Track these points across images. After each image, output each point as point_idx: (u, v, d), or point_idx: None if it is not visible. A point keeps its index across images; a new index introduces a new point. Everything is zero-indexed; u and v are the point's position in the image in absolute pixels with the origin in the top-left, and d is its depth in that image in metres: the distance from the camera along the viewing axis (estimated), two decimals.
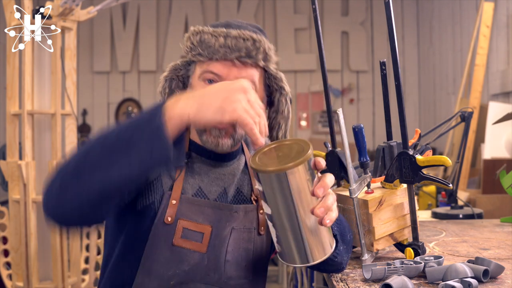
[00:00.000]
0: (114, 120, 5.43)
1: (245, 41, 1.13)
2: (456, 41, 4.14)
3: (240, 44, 1.13)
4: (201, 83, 1.17)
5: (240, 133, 1.17)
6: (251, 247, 1.22)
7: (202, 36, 1.15)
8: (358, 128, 1.26)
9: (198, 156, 1.22)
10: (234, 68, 1.14)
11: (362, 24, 5.40)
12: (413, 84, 5.34)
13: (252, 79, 1.15)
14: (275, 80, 1.21)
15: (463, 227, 1.77)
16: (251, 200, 1.25)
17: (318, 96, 5.40)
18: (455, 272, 1.05)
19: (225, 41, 1.13)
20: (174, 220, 1.13)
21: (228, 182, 1.23)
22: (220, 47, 1.13)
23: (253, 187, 1.27)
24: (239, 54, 1.13)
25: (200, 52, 1.15)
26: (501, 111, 2.67)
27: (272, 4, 5.45)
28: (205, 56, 1.15)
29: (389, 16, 1.20)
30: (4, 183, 4.19)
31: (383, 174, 1.34)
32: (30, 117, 2.61)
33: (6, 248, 2.74)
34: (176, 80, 1.23)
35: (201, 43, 1.15)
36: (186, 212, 1.15)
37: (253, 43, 1.14)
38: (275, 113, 1.24)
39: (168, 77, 1.23)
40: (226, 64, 1.14)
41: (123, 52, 5.38)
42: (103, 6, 2.62)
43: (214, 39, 1.14)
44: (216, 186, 1.21)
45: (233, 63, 1.14)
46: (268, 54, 1.16)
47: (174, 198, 1.15)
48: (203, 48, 1.15)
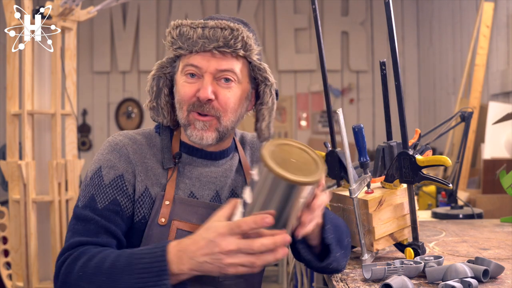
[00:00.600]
0: (114, 120, 5.42)
1: (223, 30, 1.13)
2: (456, 41, 4.14)
3: (218, 34, 1.13)
4: (183, 77, 1.17)
5: (225, 125, 1.17)
6: None
7: (181, 29, 1.15)
8: (358, 128, 1.26)
9: (189, 156, 1.22)
10: (213, 60, 1.14)
11: (362, 24, 5.40)
12: (413, 84, 5.34)
13: (232, 70, 1.15)
14: (259, 72, 1.20)
15: (463, 227, 1.77)
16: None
17: (318, 96, 5.40)
18: (455, 272, 1.05)
19: (203, 32, 1.13)
20: (168, 221, 1.14)
21: (220, 185, 1.23)
22: (198, 38, 1.13)
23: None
24: (217, 44, 1.13)
25: (180, 46, 1.15)
26: (501, 111, 2.66)
27: (272, 4, 5.45)
28: (185, 49, 1.15)
29: (389, 16, 1.21)
30: (4, 183, 4.19)
31: (383, 174, 1.34)
32: (30, 117, 2.61)
33: (6, 248, 2.74)
34: (163, 78, 1.23)
35: (180, 36, 1.15)
36: (179, 213, 1.15)
37: (231, 32, 1.13)
38: (260, 105, 1.23)
39: (156, 76, 1.23)
40: (205, 56, 1.14)
41: (123, 52, 5.38)
42: (103, 6, 2.62)
43: (192, 30, 1.14)
44: (208, 190, 1.21)
45: (213, 54, 1.14)
46: (247, 43, 1.15)
47: (168, 199, 1.15)
48: (182, 41, 1.15)
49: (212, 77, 1.15)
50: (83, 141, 5.32)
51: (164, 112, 1.23)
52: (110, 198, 1.13)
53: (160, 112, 1.23)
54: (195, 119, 1.16)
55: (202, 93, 1.13)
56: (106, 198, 1.13)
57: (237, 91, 1.17)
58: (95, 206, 1.12)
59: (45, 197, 2.62)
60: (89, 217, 1.11)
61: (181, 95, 1.17)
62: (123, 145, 1.18)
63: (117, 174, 1.15)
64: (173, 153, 1.21)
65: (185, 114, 1.17)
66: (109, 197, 1.13)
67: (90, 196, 1.13)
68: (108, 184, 1.14)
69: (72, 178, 2.72)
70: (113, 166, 1.15)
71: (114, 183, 1.14)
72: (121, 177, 1.15)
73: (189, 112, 1.16)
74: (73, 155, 2.77)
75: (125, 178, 1.15)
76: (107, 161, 1.16)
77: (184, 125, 1.18)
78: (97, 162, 1.17)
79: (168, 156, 1.19)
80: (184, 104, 1.17)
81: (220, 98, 1.15)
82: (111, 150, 1.18)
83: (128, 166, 1.16)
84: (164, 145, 1.21)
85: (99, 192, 1.13)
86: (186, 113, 1.17)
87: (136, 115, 5.41)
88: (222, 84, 1.16)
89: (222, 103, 1.15)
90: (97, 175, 1.15)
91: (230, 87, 1.16)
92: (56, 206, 2.62)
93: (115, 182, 1.14)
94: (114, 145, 1.18)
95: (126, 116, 5.40)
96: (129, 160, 1.16)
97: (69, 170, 2.69)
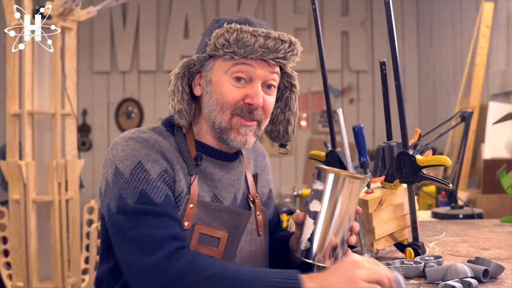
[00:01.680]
0: (114, 120, 5.42)
1: (283, 43, 1.13)
2: (456, 41, 4.14)
3: (279, 46, 1.13)
4: (229, 80, 1.14)
5: (262, 130, 1.20)
6: (253, 248, 1.23)
7: (239, 34, 1.12)
8: (358, 128, 1.26)
9: (207, 157, 1.20)
10: (267, 67, 1.15)
11: (362, 24, 5.39)
12: (413, 84, 5.34)
13: (277, 79, 1.18)
14: (288, 79, 1.24)
15: (463, 227, 1.77)
16: (249, 204, 1.26)
17: (318, 96, 5.40)
18: (455, 272, 1.05)
19: (264, 42, 1.12)
20: (191, 225, 1.12)
21: (237, 188, 1.24)
22: (259, 47, 1.12)
23: (249, 189, 1.28)
24: (276, 56, 1.13)
25: (235, 50, 1.12)
26: (501, 111, 2.67)
27: (272, 4, 5.44)
28: (240, 55, 1.13)
29: (389, 16, 1.21)
30: (4, 183, 4.19)
31: (383, 174, 1.34)
32: (30, 117, 2.61)
33: (6, 248, 2.74)
34: (186, 76, 1.19)
35: (237, 41, 1.12)
36: (202, 217, 1.14)
37: (290, 45, 1.14)
38: (283, 108, 1.27)
39: (180, 75, 1.18)
40: (260, 63, 1.14)
41: (123, 52, 5.37)
42: (103, 6, 2.62)
43: (254, 38, 1.12)
44: (229, 193, 1.21)
45: (268, 63, 1.14)
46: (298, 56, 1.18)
47: (192, 202, 1.13)
48: (239, 47, 1.12)
49: (261, 83, 1.15)
50: (83, 141, 5.32)
51: (186, 114, 1.18)
52: (163, 192, 1.08)
53: (183, 114, 1.17)
54: (240, 125, 1.15)
55: (257, 100, 1.13)
56: (161, 193, 1.08)
57: (274, 97, 1.21)
58: (152, 200, 1.06)
59: (45, 197, 2.62)
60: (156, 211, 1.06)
61: (228, 98, 1.14)
62: (155, 141, 1.13)
63: (162, 168, 1.10)
64: (193, 156, 1.18)
65: (228, 118, 1.15)
66: (162, 191, 1.08)
67: (140, 192, 1.07)
68: (157, 178, 1.09)
69: (72, 178, 2.72)
70: (156, 160, 1.10)
71: (161, 177, 1.09)
72: (165, 172, 1.11)
73: (233, 116, 1.15)
74: (73, 155, 2.77)
75: (168, 173, 1.11)
76: (146, 155, 1.10)
77: (225, 128, 1.15)
78: (132, 158, 1.10)
79: (191, 162, 1.16)
80: (229, 108, 1.14)
81: (265, 104, 1.17)
82: (145, 146, 1.12)
83: (166, 162, 1.12)
84: (183, 150, 1.17)
85: (150, 187, 1.07)
86: (229, 117, 1.15)
87: (136, 115, 5.40)
88: (266, 91, 1.17)
89: (266, 109, 1.17)
90: (141, 170, 1.08)
91: (272, 93, 1.19)
92: (56, 206, 2.62)
93: (161, 176, 1.09)
94: (145, 141, 1.12)
95: (126, 116, 5.39)
96: (166, 156, 1.13)
97: (69, 170, 2.69)
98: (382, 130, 1.89)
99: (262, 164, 1.40)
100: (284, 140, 1.29)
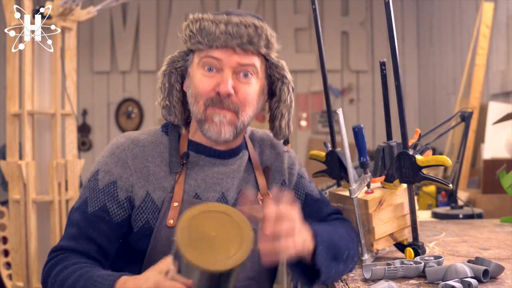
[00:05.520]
0: (114, 120, 5.42)
1: (247, 28, 1.11)
2: (456, 41, 4.14)
3: (242, 31, 1.11)
4: (200, 70, 1.14)
5: (242, 121, 1.15)
6: (255, 247, 1.21)
7: (201, 23, 1.13)
8: (358, 128, 1.26)
9: (197, 154, 1.20)
10: (235, 55, 1.12)
11: (362, 24, 5.39)
12: (413, 84, 5.34)
13: (253, 65, 1.14)
14: (276, 69, 1.20)
15: (463, 227, 1.77)
16: (257, 200, 1.22)
17: (318, 96, 5.39)
18: (455, 272, 1.05)
19: (226, 28, 1.11)
20: (176, 223, 1.11)
21: (226, 186, 1.20)
22: (220, 34, 1.11)
23: (259, 187, 1.24)
24: (241, 41, 1.11)
25: (200, 40, 1.13)
26: (501, 111, 2.66)
27: (272, 4, 5.44)
28: (205, 44, 1.12)
29: (389, 16, 1.20)
30: (4, 183, 4.19)
31: (383, 174, 1.34)
32: (30, 117, 2.61)
33: (6, 248, 2.74)
34: (174, 73, 1.20)
35: (200, 31, 1.13)
36: None
37: (255, 29, 1.12)
38: (277, 102, 1.22)
39: (167, 72, 1.20)
40: (227, 51, 1.12)
41: (123, 52, 5.37)
42: (103, 6, 2.62)
43: (215, 26, 1.12)
44: (213, 192, 1.19)
45: (234, 50, 1.12)
46: (270, 41, 1.15)
47: (176, 200, 1.13)
48: (203, 36, 1.12)
49: (232, 71, 1.13)
50: (83, 141, 5.31)
51: (176, 110, 1.20)
52: (100, 203, 1.13)
53: (172, 111, 1.19)
54: (213, 113, 1.13)
55: (223, 88, 1.11)
56: (97, 203, 1.13)
57: (255, 87, 1.16)
58: (85, 209, 1.13)
59: (45, 197, 2.62)
60: (75, 221, 1.13)
61: (199, 88, 1.14)
62: (123, 149, 1.17)
63: (111, 180, 1.15)
64: (180, 154, 1.18)
65: (202, 109, 1.14)
66: (99, 202, 1.13)
67: (84, 199, 1.15)
68: (101, 189, 1.14)
69: (72, 178, 2.72)
70: (108, 171, 1.15)
71: (107, 188, 1.14)
72: (114, 184, 1.14)
73: (207, 107, 1.13)
74: (73, 155, 2.77)
75: (118, 184, 1.14)
76: (104, 165, 1.16)
77: (201, 120, 1.15)
78: (97, 165, 1.18)
79: (175, 160, 1.17)
80: (201, 98, 1.14)
81: (240, 93, 1.13)
82: (111, 154, 1.17)
83: (123, 172, 1.15)
84: (172, 147, 1.18)
85: (92, 196, 1.14)
86: (203, 108, 1.14)
87: (136, 115, 5.40)
88: (241, 79, 1.14)
89: (241, 98, 1.14)
90: (94, 178, 1.16)
91: (250, 82, 1.15)
92: (56, 206, 2.62)
93: (107, 187, 1.14)
94: (115, 148, 1.18)
95: (126, 116, 5.39)
96: (127, 165, 1.15)
97: (69, 170, 2.69)
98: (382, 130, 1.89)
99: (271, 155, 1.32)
100: (281, 136, 1.24)
